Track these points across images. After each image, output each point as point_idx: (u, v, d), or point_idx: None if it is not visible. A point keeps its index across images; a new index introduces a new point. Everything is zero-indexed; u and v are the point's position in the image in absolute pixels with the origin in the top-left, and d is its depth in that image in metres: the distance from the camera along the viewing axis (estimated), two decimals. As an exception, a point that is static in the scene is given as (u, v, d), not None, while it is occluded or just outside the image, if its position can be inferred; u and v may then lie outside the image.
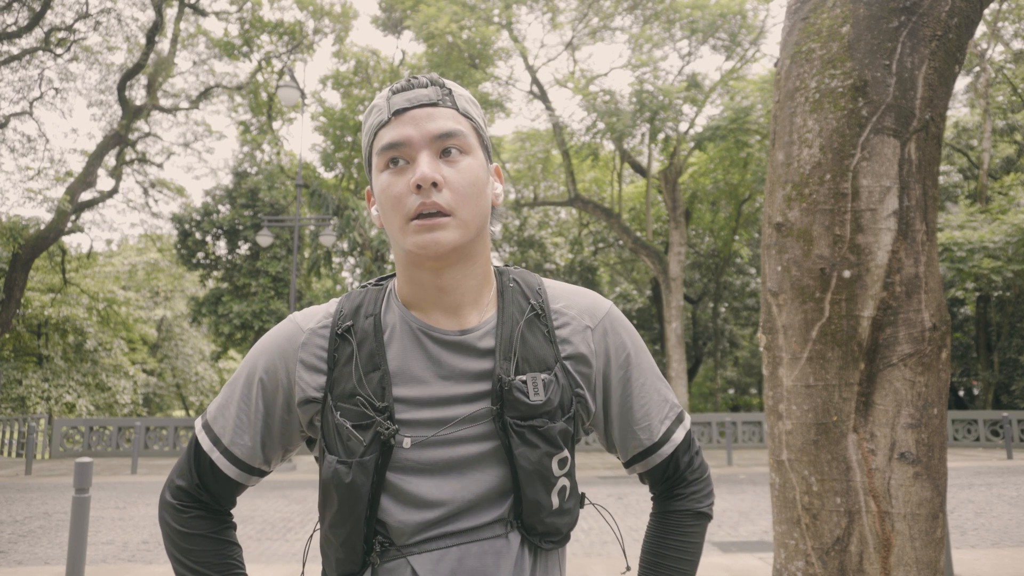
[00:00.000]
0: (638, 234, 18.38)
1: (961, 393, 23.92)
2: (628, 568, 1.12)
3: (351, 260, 20.30)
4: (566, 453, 0.92)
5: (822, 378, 1.94)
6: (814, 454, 1.94)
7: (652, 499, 1.08)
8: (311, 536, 1.02)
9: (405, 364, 0.91)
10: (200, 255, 16.90)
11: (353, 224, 18.49)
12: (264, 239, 15.32)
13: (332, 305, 0.99)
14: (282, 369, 0.95)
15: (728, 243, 22.29)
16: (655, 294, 22.54)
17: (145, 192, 21.88)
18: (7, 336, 20.71)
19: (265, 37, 19.68)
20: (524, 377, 0.90)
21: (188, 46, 20.37)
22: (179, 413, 31.79)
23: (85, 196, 18.76)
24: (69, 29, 18.50)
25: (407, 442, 0.88)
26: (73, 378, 21.45)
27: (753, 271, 24.45)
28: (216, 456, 0.96)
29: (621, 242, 23.16)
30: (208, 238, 16.77)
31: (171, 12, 19.07)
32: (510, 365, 0.90)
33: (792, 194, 2.03)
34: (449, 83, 0.94)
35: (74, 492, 4.21)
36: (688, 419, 1.06)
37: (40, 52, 18.63)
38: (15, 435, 17.97)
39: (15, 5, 17.00)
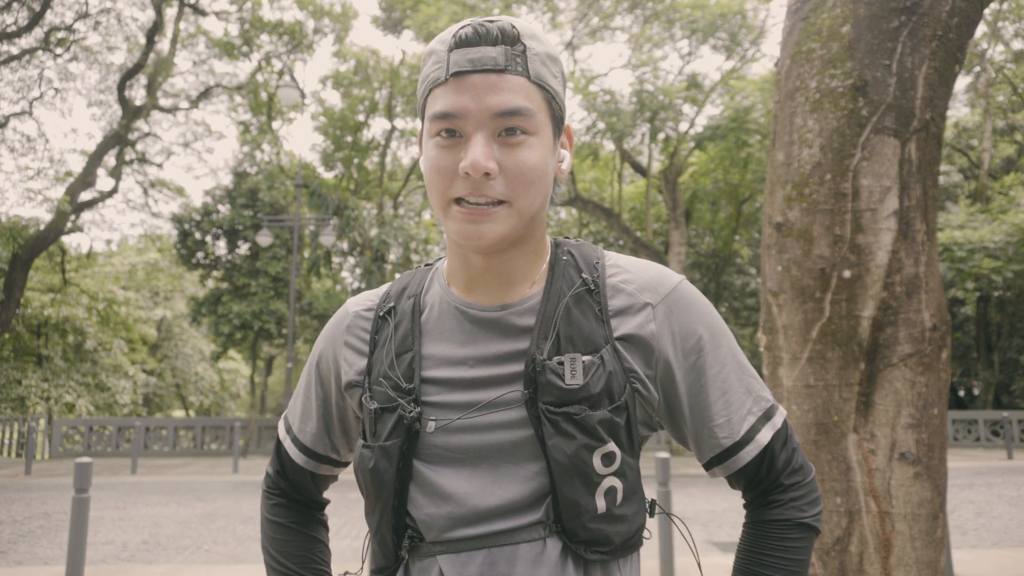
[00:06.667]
0: (638, 234, 18.37)
1: (961, 393, 23.91)
2: None
3: (351, 260, 20.29)
4: (612, 447, 0.77)
5: (822, 378, 1.93)
6: (814, 454, 1.94)
7: (744, 506, 0.90)
8: (368, 536, 0.91)
9: (440, 345, 0.84)
10: (200, 255, 16.88)
11: (353, 224, 18.48)
12: (264, 239, 15.31)
13: (385, 287, 0.95)
14: (330, 353, 0.92)
15: (728, 243, 22.27)
16: (655, 294, 22.50)
17: (145, 192, 21.87)
18: (7, 336, 20.71)
19: (265, 37, 19.66)
20: (562, 358, 0.78)
21: (188, 46, 20.35)
22: (179, 413, 31.78)
23: (85, 196, 18.74)
24: (69, 29, 18.49)
25: (431, 425, 0.80)
26: (73, 378, 21.44)
27: (753, 271, 24.43)
28: (288, 443, 0.96)
29: (621, 242, 23.14)
30: (208, 238, 16.75)
31: (171, 12, 19.07)
32: (547, 344, 0.79)
33: (792, 194, 2.03)
34: (525, 32, 0.77)
35: (74, 492, 4.21)
36: (781, 415, 0.87)
37: (40, 52, 18.61)
38: (15, 435, 17.96)
39: (15, 5, 16.99)
